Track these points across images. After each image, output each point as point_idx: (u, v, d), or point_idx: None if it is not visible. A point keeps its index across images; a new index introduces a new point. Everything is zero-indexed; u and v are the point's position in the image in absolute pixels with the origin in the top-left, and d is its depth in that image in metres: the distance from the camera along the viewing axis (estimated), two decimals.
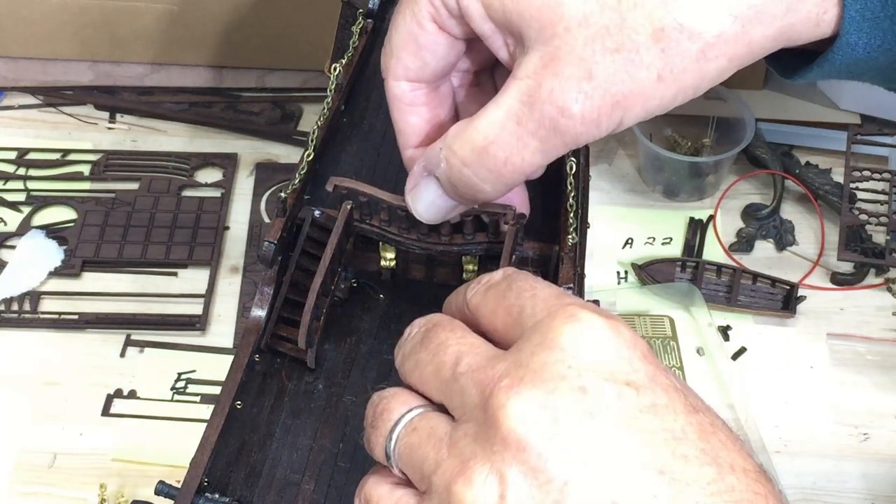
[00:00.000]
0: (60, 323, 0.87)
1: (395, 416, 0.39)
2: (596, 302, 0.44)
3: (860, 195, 0.95)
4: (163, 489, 0.52)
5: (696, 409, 0.37)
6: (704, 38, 0.42)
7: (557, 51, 0.43)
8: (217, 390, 0.70)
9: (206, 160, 1.00)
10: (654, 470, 0.34)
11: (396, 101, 0.51)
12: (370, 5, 0.71)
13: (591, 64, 0.43)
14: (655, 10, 0.42)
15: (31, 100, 1.06)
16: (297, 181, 0.60)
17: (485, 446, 0.35)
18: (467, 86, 0.54)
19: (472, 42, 0.50)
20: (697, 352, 0.86)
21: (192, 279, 0.91)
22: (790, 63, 0.49)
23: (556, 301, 0.38)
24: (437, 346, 0.39)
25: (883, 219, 0.93)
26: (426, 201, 0.50)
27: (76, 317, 0.88)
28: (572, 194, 0.58)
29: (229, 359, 0.57)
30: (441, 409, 0.39)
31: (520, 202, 0.55)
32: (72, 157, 1.00)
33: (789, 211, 0.97)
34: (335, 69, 0.62)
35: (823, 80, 0.51)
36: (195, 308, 0.89)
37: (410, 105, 0.51)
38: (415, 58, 0.49)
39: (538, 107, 0.44)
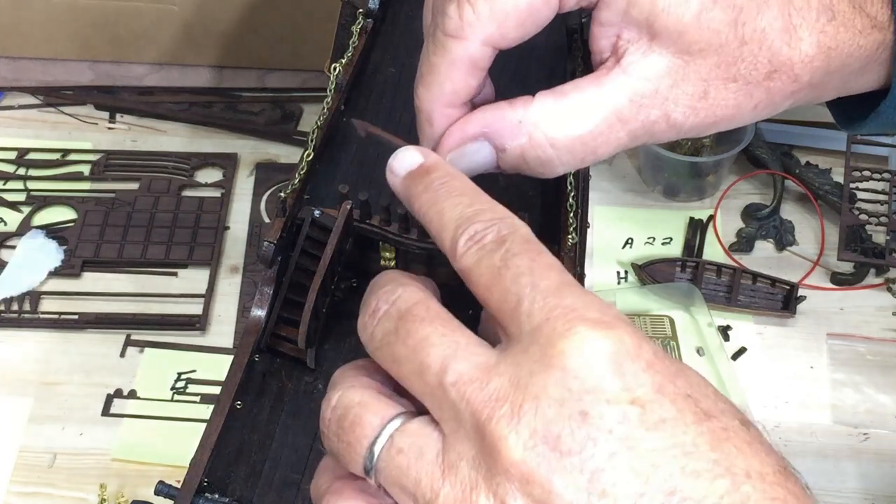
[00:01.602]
0: (60, 323, 0.88)
1: (371, 431, 0.36)
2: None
3: (860, 195, 0.95)
4: (163, 489, 0.52)
5: (709, 414, 0.35)
6: (801, 84, 0.47)
7: (686, 66, 0.45)
8: (217, 390, 0.70)
9: (206, 160, 1.00)
10: (663, 492, 0.33)
11: (468, 60, 0.46)
12: (370, 5, 0.71)
13: (709, 86, 0.45)
14: (777, 54, 0.45)
15: (31, 100, 1.06)
16: (297, 181, 0.60)
17: (486, 476, 0.34)
18: None
19: None
20: (697, 352, 0.86)
21: (192, 279, 0.91)
22: (846, 113, 0.54)
23: (555, 300, 0.36)
24: (418, 343, 0.36)
25: (883, 219, 0.93)
26: (469, 164, 0.47)
27: (76, 317, 0.88)
28: (572, 194, 0.58)
29: (229, 359, 0.57)
30: (420, 407, 0.37)
31: None
32: (72, 157, 1.00)
33: (789, 211, 0.97)
34: (335, 69, 0.62)
35: (883, 130, 0.55)
36: (195, 308, 0.89)
37: (482, 69, 0.47)
38: (517, 19, 0.45)
39: (647, 110, 0.45)
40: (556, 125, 0.45)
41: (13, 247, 0.93)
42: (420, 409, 0.37)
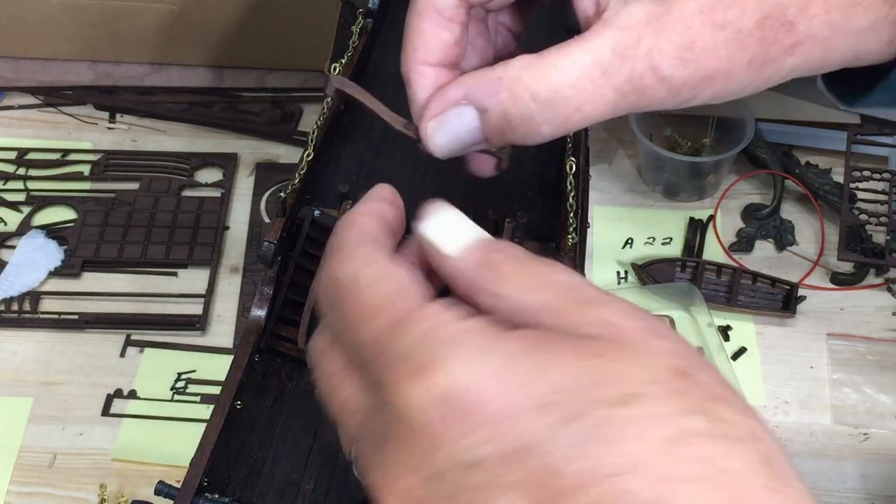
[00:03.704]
0: (60, 323, 0.88)
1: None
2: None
3: (860, 195, 0.95)
4: (163, 489, 0.52)
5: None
6: (798, 35, 0.43)
7: (667, 12, 0.43)
8: (217, 390, 0.70)
9: (206, 160, 1.00)
10: None
11: (434, 9, 0.46)
12: (370, 5, 0.71)
13: (696, 34, 0.43)
14: None
15: (31, 100, 1.06)
16: (297, 181, 0.60)
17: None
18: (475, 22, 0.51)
19: None
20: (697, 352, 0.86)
21: (192, 279, 0.91)
22: (847, 87, 0.50)
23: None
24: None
25: (883, 219, 0.93)
26: (453, 133, 0.45)
27: (76, 317, 0.88)
28: (572, 194, 0.58)
29: (229, 359, 0.57)
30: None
31: None
32: (72, 157, 1.00)
33: (789, 211, 0.97)
34: (335, 69, 0.62)
35: (884, 106, 0.51)
36: (195, 308, 0.89)
37: (449, 19, 0.46)
38: None
39: (631, 62, 0.43)
40: (536, 77, 0.43)
41: (13, 247, 0.93)
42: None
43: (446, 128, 0.45)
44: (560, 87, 0.43)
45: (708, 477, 0.29)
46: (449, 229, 0.36)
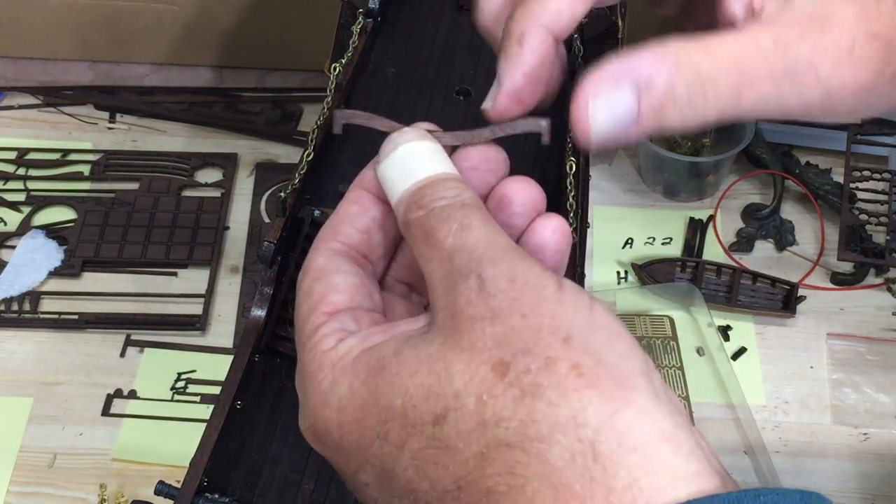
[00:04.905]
0: (60, 323, 0.88)
1: None
2: None
3: (860, 195, 0.95)
4: (163, 489, 0.52)
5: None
6: None
7: (831, 15, 0.42)
8: (217, 390, 0.70)
9: (206, 160, 1.00)
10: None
11: None
12: (370, 5, 0.71)
13: (855, 42, 0.42)
14: None
15: (31, 100, 1.06)
16: (297, 181, 0.60)
17: None
18: None
19: None
20: (697, 352, 0.86)
21: (192, 279, 0.91)
22: None
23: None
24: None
25: (883, 219, 0.93)
26: (612, 116, 0.41)
27: (76, 317, 0.88)
28: (572, 194, 0.58)
29: (229, 359, 0.57)
30: None
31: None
32: (72, 157, 1.00)
33: (789, 211, 0.97)
34: (335, 69, 0.62)
35: None
36: (195, 308, 0.89)
37: None
38: None
39: (793, 54, 0.42)
40: (701, 54, 0.41)
41: (13, 247, 0.93)
42: None
43: (606, 110, 0.41)
44: (724, 65, 0.41)
45: (515, 487, 0.32)
46: (395, 173, 0.39)
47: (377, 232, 0.40)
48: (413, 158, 0.39)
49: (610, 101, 0.41)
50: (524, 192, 0.40)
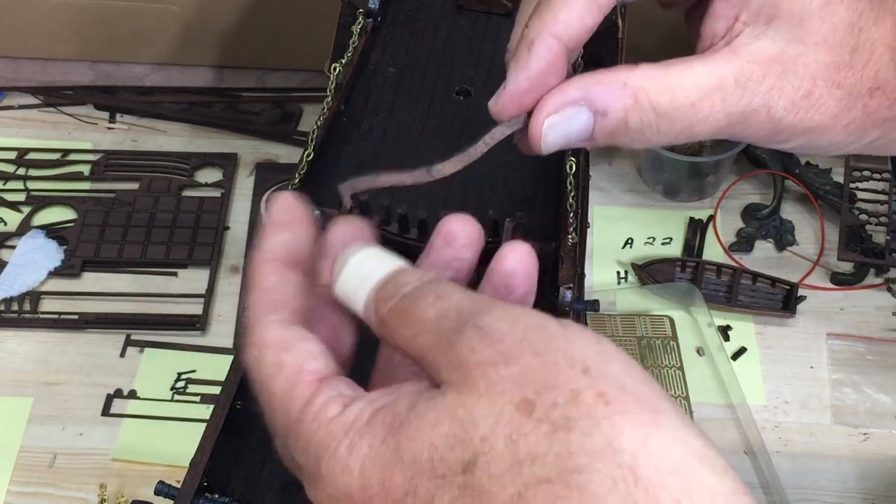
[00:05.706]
0: (60, 323, 0.88)
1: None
2: None
3: (860, 195, 0.95)
4: (163, 489, 0.52)
5: None
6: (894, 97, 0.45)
7: (797, 59, 0.44)
8: (217, 390, 0.70)
9: (206, 160, 1.00)
10: None
11: None
12: (370, 5, 0.71)
13: (815, 86, 0.44)
14: (882, 70, 0.44)
15: (31, 100, 1.06)
16: (297, 181, 0.60)
17: None
18: None
19: None
20: (697, 352, 0.86)
21: (192, 279, 0.91)
22: None
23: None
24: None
25: (883, 219, 0.93)
26: (566, 132, 0.45)
27: (76, 317, 0.88)
28: (572, 194, 0.58)
29: (229, 359, 0.57)
30: None
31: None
32: (72, 157, 1.00)
33: (789, 211, 0.97)
34: (335, 69, 0.62)
35: None
36: (195, 308, 0.89)
37: (597, 6, 0.45)
38: None
39: (751, 96, 0.44)
40: (660, 90, 0.44)
41: (13, 247, 0.93)
42: None
43: (561, 126, 0.45)
44: (681, 104, 0.44)
45: None
46: (354, 283, 0.39)
47: (310, 296, 0.41)
48: (367, 264, 0.39)
49: (566, 120, 0.44)
50: (465, 227, 0.41)
